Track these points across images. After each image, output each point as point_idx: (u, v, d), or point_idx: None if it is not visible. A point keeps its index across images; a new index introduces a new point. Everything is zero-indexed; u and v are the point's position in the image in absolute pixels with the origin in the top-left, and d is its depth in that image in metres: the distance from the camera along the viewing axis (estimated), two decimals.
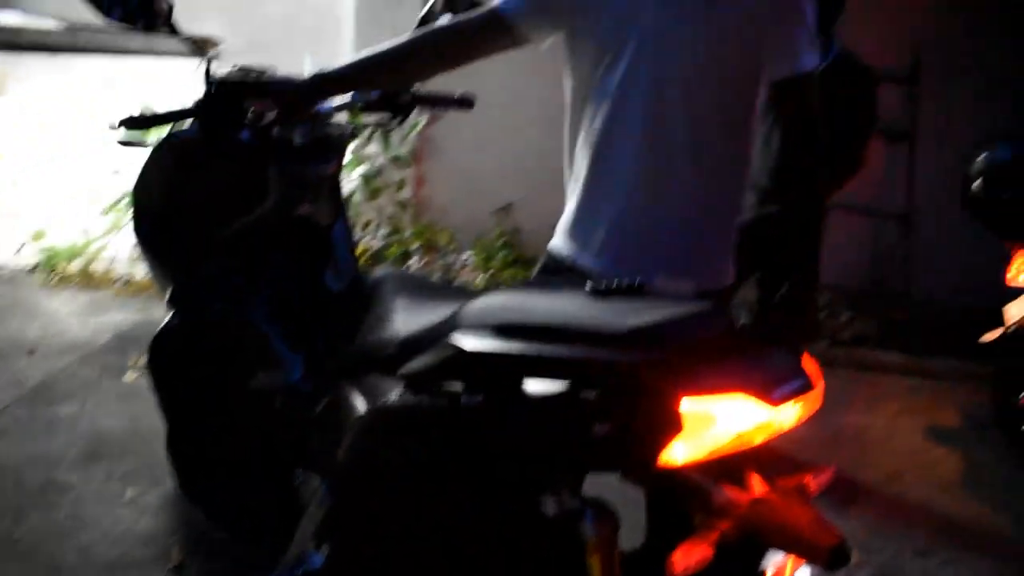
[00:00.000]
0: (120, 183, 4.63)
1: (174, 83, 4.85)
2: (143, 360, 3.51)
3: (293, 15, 5.20)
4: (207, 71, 1.75)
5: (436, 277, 4.98)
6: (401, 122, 2.06)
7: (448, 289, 1.69)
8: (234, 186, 1.87)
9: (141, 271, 4.51)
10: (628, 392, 1.06)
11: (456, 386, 1.19)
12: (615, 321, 1.11)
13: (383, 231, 4.69)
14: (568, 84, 1.77)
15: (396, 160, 4.59)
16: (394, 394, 1.27)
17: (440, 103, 2.08)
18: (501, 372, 1.15)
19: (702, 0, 1.57)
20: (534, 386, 1.13)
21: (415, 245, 4.94)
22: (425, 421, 1.21)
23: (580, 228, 1.77)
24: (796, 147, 1.63)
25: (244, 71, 1.84)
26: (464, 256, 5.31)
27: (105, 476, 2.65)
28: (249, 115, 1.73)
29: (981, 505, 2.89)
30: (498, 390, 1.15)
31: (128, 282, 4.45)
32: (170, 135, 1.89)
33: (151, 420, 3.03)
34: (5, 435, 2.86)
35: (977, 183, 3.08)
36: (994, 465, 3.14)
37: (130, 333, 3.82)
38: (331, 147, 1.93)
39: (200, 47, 5.13)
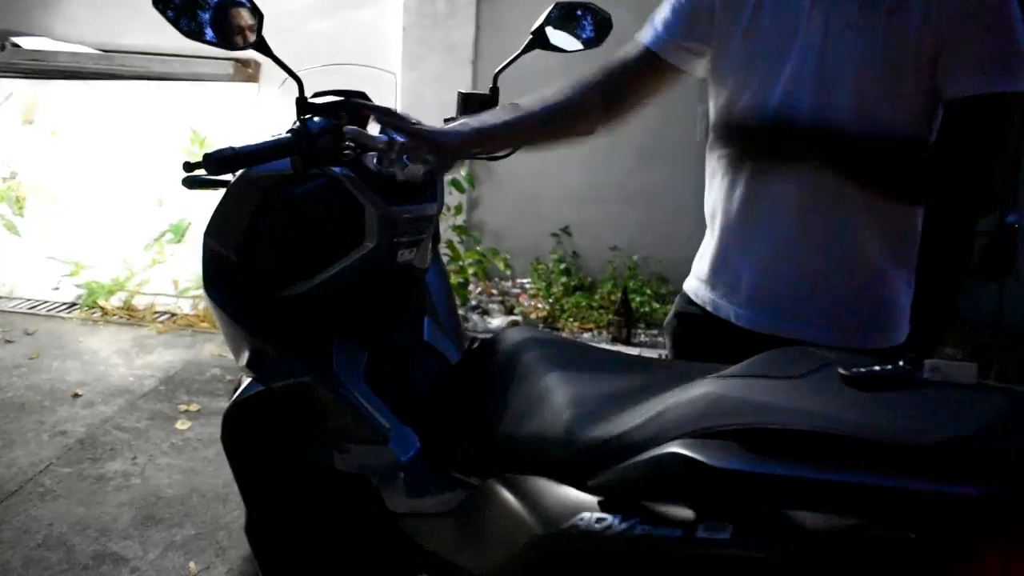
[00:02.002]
0: (163, 215, 4.40)
1: (217, 108, 4.64)
2: (195, 406, 3.30)
3: (338, 32, 4.97)
4: (300, 100, 1.47)
5: (495, 305, 4.73)
6: (512, 152, 1.79)
7: (614, 359, 1.39)
8: (325, 230, 1.60)
9: (186, 306, 4.28)
10: (970, 538, 0.78)
11: (676, 509, 0.91)
12: (915, 428, 0.83)
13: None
14: (712, 105, 1.52)
15: (453, 185, 4.33)
16: (587, 512, 0.98)
17: None
18: (757, 498, 0.87)
19: (881, 3, 1.28)
20: (803, 517, 0.85)
21: (472, 272, 4.68)
22: (641, 556, 0.92)
23: (724, 271, 1.52)
24: (974, 176, 1.32)
25: (342, 99, 1.58)
26: (522, 282, 5.05)
27: (164, 545, 2.38)
28: (348, 149, 1.45)
29: None
30: (752, 521, 0.87)
31: (172, 317, 4.21)
32: (249, 172, 1.61)
33: (208, 476, 2.79)
34: (51, 497, 2.60)
35: None
36: None
37: (178, 375, 3.58)
38: (434, 183, 1.65)
39: (243, 69, 4.88)
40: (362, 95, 1.68)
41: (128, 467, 2.80)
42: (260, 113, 4.79)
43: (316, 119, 1.40)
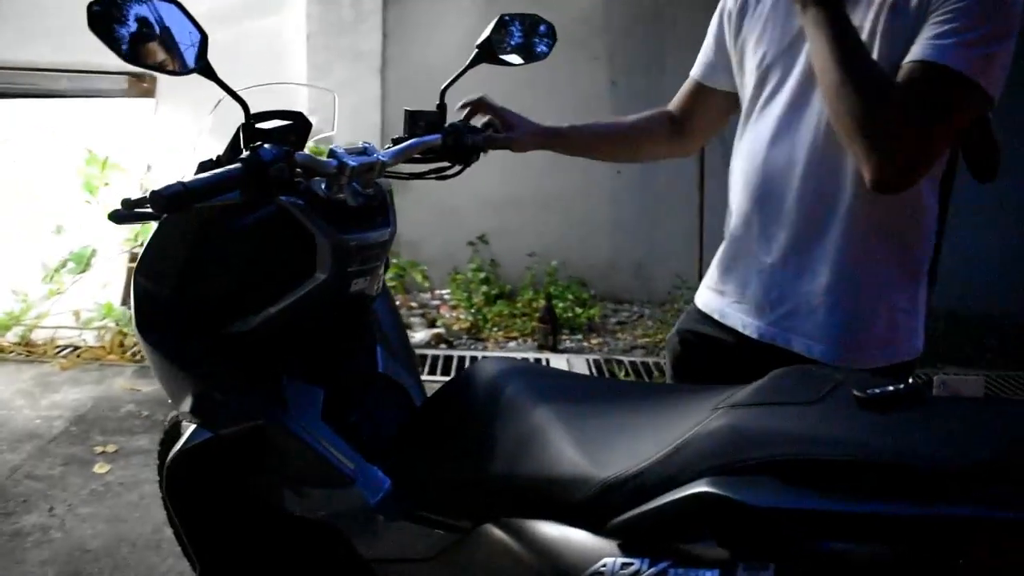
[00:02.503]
0: (62, 242, 4.14)
1: (113, 125, 4.40)
2: (112, 447, 3.10)
3: (235, 42, 4.77)
4: (248, 126, 1.36)
5: (416, 318, 4.63)
6: (462, 170, 1.72)
7: (601, 387, 1.33)
8: (274, 262, 1.50)
9: (90, 338, 4.03)
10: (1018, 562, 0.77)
11: (709, 549, 0.87)
12: (945, 451, 0.82)
13: None
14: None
15: None
16: (610, 558, 0.92)
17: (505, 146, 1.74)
18: (798, 534, 0.83)
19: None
20: (846, 550, 0.82)
21: (390, 285, 4.58)
22: None
23: (732, 278, 1.50)
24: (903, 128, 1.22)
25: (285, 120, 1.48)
26: (441, 293, 4.97)
27: None
28: (300, 176, 1.36)
29: None
30: (795, 559, 0.83)
31: (76, 351, 3.96)
32: None
33: (136, 523, 2.62)
34: None
35: None
36: None
37: (89, 414, 3.36)
38: (386, 207, 1.57)
39: (138, 83, 4.64)
40: (300, 115, 1.59)
41: (46, 520, 2.59)
42: (159, 129, 4.57)
43: (267, 146, 1.30)
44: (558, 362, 4.08)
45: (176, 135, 4.43)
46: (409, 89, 4.78)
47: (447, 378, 3.75)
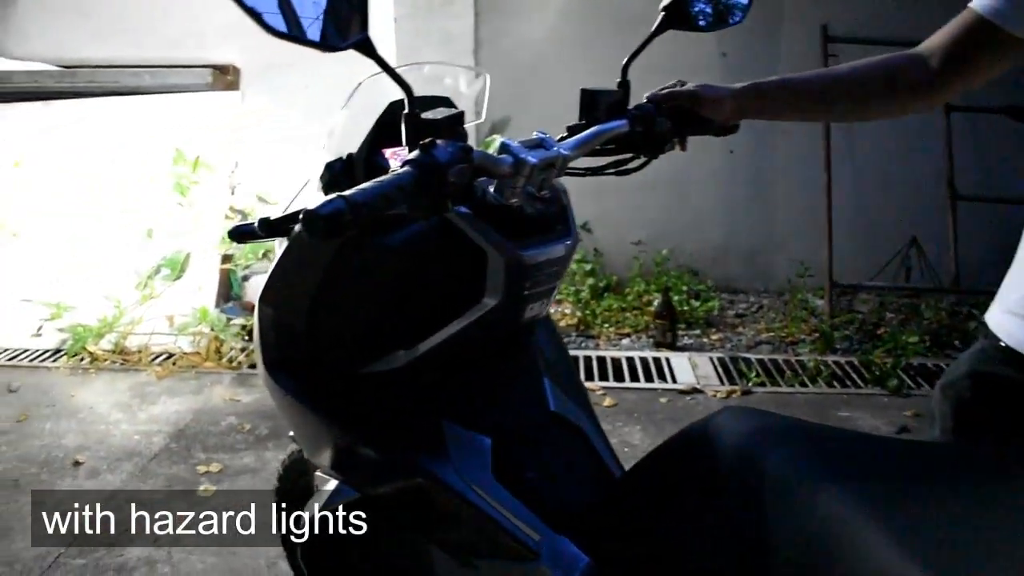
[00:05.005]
0: (153, 247, 3.97)
1: (198, 121, 4.22)
2: (215, 467, 2.90)
3: None
4: (411, 117, 1.08)
5: None
6: (647, 163, 1.42)
7: (899, 452, 1.00)
8: (432, 286, 1.22)
9: (185, 344, 3.86)
10: None
11: None
12: None
13: None
14: None
15: None
16: None
17: (703, 129, 1.43)
18: None
19: None
20: None
21: None
22: None
23: None
24: None
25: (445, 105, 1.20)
26: None
27: None
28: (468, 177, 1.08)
29: None
30: None
31: (171, 358, 3.79)
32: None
33: (248, 556, 2.40)
34: None
35: None
36: None
37: (189, 428, 3.17)
38: (567, 213, 1.27)
39: (222, 76, 4.43)
40: (448, 101, 1.30)
41: (151, 551, 2.40)
42: (246, 122, 4.37)
43: (441, 143, 1.02)
44: (679, 361, 3.76)
45: (262, 127, 4.25)
46: (505, 71, 4.49)
47: None
